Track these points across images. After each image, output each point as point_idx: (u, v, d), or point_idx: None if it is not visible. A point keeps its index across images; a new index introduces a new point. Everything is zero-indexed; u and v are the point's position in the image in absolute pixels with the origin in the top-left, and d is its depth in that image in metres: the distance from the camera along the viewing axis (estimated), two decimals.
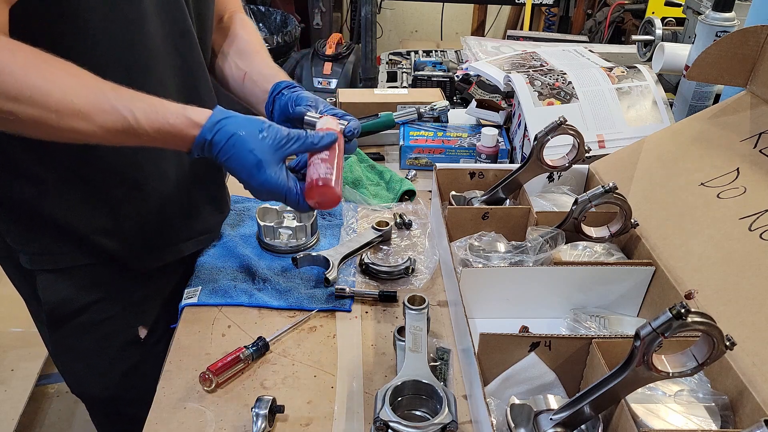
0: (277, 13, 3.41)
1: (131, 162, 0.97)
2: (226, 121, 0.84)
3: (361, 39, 2.74)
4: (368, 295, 1.05)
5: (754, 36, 1.01)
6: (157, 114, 0.80)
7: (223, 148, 0.83)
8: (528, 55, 1.54)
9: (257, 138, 0.84)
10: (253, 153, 0.83)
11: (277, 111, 1.03)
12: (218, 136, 0.83)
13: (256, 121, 0.86)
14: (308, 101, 1.00)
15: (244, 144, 0.83)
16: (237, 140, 0.83)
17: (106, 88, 0.79)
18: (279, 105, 1.02)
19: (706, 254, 0.88)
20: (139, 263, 1.06)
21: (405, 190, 1.32)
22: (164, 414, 0.85)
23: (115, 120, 0.78)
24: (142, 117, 0.79)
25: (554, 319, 0.98)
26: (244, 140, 0.84)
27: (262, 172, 0.84)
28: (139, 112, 0.79)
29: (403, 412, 0.80)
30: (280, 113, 1.02)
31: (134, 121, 0.79)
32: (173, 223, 1.07)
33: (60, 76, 0.76)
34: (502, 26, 3.93)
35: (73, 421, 2.06)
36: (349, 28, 4.07)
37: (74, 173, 0.94)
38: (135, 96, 0.80)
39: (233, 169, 0.85)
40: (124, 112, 0.78)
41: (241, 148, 0.83)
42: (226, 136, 0.83)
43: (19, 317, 2.13)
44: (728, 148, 1.00)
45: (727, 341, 0.62)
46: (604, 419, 0.73)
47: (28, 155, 0.91)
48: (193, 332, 0.98)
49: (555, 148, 1.09)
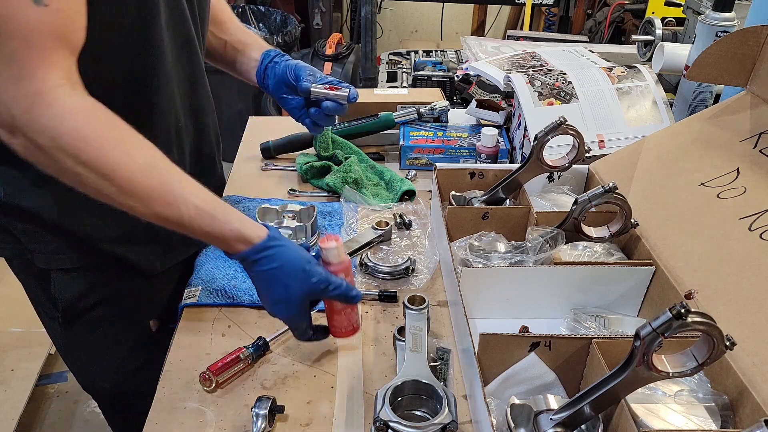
0: (277, 13, 3.41)
1: None
2: (275, 250, 0.83)
3: (361, 39, 2.74)
4: (368, 295, 1.05)
5: (754, 36, 1.01)
6: (213, 222, 0.80)
7: (261, 273, 0.83)
8: (528, 55, 1.54)
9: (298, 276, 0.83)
10: (287, 290, 0.83)
11: (272, 79, 1.10)
12: (261, 264, 0.83)
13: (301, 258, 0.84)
14: (307, 72, 1.07)
15: (280, 278, 0.83)
16: (277, 273, 0.83)
17: (174, 178, 0.79)
18: (275, 74, 1.10)
19: (706, 254, 0.88)
20: (148, 266, 1.07)
21: (405, 190, 1.32)
22: (164, 414, 0.85)
23: (171, 213, 0.78)
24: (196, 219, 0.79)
25: (554, 319, 0.98)
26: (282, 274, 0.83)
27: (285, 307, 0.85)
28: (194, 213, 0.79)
29: (403, 412, 0.80)
30: (276, 82, 1.09)
31: (188, 220, 0.79)
32: None
33: (133, 155, 0.76)
34: (502, 26, 3.93)
35: (73, 421, 2.06)
36: (349, 28, 4.07)
37: None
38: (198, 192, 0.80)
39: (259, 289, 0.86)
40: (182, 209, 0.78)
41: (275, 282, 0.83)
42: (269, 265, 0.83)
43: (19, 317, 2.14)
44: (728, 148, 1.00)
45: (727, 341, 0.62)
46: (604, 419, 0.73)
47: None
48: (193, 332, 0.98)
49: (555, 148, 1.09)
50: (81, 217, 0.96)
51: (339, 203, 1.30)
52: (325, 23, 3.58)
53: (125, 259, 1.03)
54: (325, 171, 1.37)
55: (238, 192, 1.35)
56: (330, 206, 1.30)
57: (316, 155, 1.43)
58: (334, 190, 1.33)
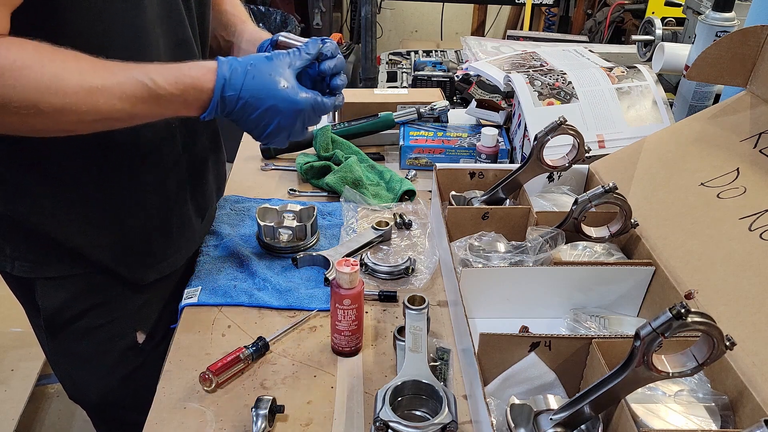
0: (277, 13, 3.41)
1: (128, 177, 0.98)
2: (234, 60, 0.86)
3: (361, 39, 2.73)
4: (368, 295, 1.05)
5: (754, 36, 1.01)
6: (170, 70, 0.82)
7: (245, 82, 0.84)
8: (528, 55, 1.54)
9: (269, 63, 0.86)
10: (273, 76, 0.85)
11: None
12: (236, 74, 0.84)
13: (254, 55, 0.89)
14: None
15: (262, 70, 0.85)
16: (254, 69, 0.85)
17: (118, 65, 0.79)
18: None
19: (706, 254, 0.88)
20: (137, 277, 1.06)
21: (405, 190, 1.32)
22: (164, 414, 0.85)
23: (134, 87, 0.78)
24: (159, 78, 0.80)
25: (554, 319, 0.98)
26: (259, 68, 0.85)
27: (291, 88, 0.86)
28: (155, 74, 0.80)
29: (403, 412, 0.80)
30: None
31: (153, 83, 0.79)
32: (169, 238, 1.07)
33: (72, 62, 0.76)
34: (502, 26, 3.93)
35: (73, 421, 2.06)
36: (349, 28, 4.07)
37: (72, 192, 0.94)
38: (145, 65, 0.81)
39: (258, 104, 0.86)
40: (141, 78, 0.79)
41: (261, 77, 0.85)
42: (243, 69, 0.85)
43: (19, 317, 2.10)
44: (728, 148, 1.00)
45: (727, 341, 0.62)
46: (604, 419, 0.73)
47: (28, 174, 0.91)
48: (193, 332, 0.98)
49: (555, 148, 1.09)
50: (68, 225, 0.95)
51: (339, 203, 1.30)
52: (325, 23, 3.58)
53: (113, 270, 1.02)
54: (325, 171, 1.37)
55: (238, 192, 1.35)
56: (330, 206, 1.30)
57: (316, 155, 1.43)
58: (334, 190, 1.33)
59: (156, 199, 1.02)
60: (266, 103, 0.86)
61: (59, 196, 0.93)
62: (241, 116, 0.87)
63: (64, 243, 0.96)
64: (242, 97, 0.85)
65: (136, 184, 0.98)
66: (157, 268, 1.07)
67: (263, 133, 0.90)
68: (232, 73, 0.85)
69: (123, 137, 0.91)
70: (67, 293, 1.01)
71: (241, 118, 0.88)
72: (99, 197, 0.96)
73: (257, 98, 0.86)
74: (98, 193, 0.96)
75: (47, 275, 0.99)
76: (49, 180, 0.92)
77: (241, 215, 1.27)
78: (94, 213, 0.96)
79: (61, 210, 0.94)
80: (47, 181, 0.92)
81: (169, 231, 1.06)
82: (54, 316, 1.03)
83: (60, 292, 1.01)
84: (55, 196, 0.93)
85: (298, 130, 0.92)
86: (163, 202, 1.04)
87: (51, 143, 0.86)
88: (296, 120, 0.89)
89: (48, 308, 1.02)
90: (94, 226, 0.97)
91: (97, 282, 1.03)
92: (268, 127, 0.89)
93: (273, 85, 0.86)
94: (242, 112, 0.87)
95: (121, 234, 1.00)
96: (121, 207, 0.99)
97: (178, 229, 1.08)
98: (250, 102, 0.86)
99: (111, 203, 0.97)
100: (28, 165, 0.91)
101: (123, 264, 1.02)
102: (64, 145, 0.87)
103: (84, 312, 1.04)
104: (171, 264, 1.10)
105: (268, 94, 0.86)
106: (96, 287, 1.03)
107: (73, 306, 1.03)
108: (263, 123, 0.88)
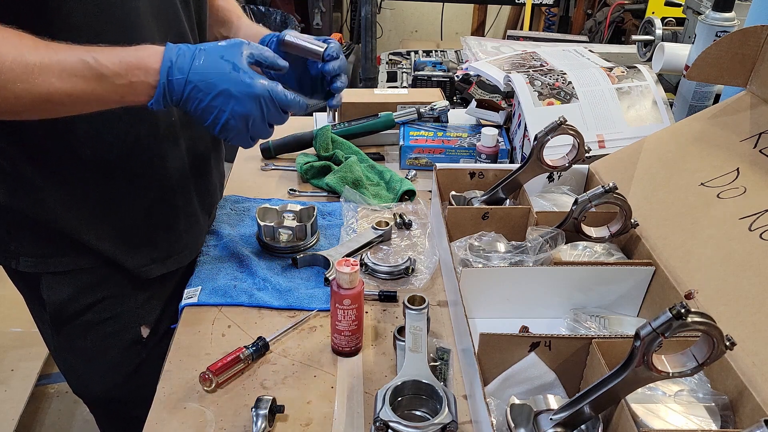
0: (277, 13, 3.41)
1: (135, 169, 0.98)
2: (184, 45, 0.82)
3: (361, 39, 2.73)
4: (368, 295, 1.05)
5: (754, 36, 1.00)
6: (116, 51, 0.78)
7: (194, 65, 0.80)
8: (528, 55, 1.54)
9: (220, 47, 0.82)
10: (224, 59, 0.81)
11: None
12: (183, 57, 0.80)
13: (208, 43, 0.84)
14: None
15: (212, 53, 0.81)
16: (203, 53, 0.81)
17: (63, 45, 0.76)
18: None
19: (706, 254, 0.88)
20: (143, 271, 1.06)
21: (405, 190, 1.32)
22: (164, 414, 0.85)
23: (74, 65, 0.75)
24: (102, 57, 0.77)
25: (554, 319, 0.98)
26: (209, 52, 0.81)
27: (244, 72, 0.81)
28: (99, 54, 0.77)
29: (403, 412, 0.80)
30: None
31: (95, 61, 0.76)
32: (176, 233, 1.08)
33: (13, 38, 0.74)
34: (502, 26, 3.93)
35: (73, 421, 2.06)
36: (349, 28, 4.07)
37: (72, 184, 0.94)
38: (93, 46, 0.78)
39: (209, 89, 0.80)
40: (83, 57, 0.76)
41: (210, 59, 0.80)
42: (192, 53, 0.80)
43: (19, 317, 2.14)
44: (728, 148, 1.00)
45: (727, 341, 0.62)
46: (604, 419, 0.73)
47: (28, 166, 0.92)
48: (193, 332, 0.98)
49: (555, 148, 1.09)
50: (70, 217, 0.96)
51: (339, 203, 1.30)
52: (325, 23, 3.58)
53: (118, 263, 1.02)
54: (325, 171, 1.37)
55: (238, 192, 1.35)
56: (330, 206, 1.30)
57: (316, 155, 1.43)
58: (334, 190, 1.33)
59: (157, 194, 1.02)
60: (217, 87, 0.80)
61: (60, 188, 0.94)
62: (192, 104, 0.82)
63: (67, 235, 0.96)
64: (191, 81, 0.80)
65: (135, 177, 0.99)
66: (165, 264, 1.08)
67: (218, 123, 0.84)
68: (180, 56, 0.80)
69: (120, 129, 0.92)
70: (73, 287, 1.02)
71: (192, 107, 0.82)
72: (99, 189, 0.96)
73: (207, 82, 0.80)
74: (98, 185, 0.96)
75: (52, 270, 1.00)
76: (48, 172, 0.92)
77: (241, 215, 1.27)
78: (95, 205, 0.97)
79: (62, 202, 0.94)
80: (47, 174, 0.92)
81: (176, 227, 1.07)
82: (59, 311, 1.03)
83: (65, 286, 1.02)
84: (56, 188, 0.93)
85: (258, 123, 0.85)
86: (165, 197, 1.04)
87: (50, 135, 0.86)
88: (252, 107, 0.83)
89: (53, 302, 1.02)
90: (97, 218, 0.97)
91: (103, 276, 1.03)
92: (222, 115, 0.82)
93: (224, 69, 0.81)
94: (192, 100, 0.81)
95: (124, 227, 1.00)
96: (122, 200, 0.99)
97: (184, 226, 1.09)
98: (199, 87, 0.80)
99: (111, 196, 0.98)
100: (27, 157, 0.91)
101: (128, 258, 1.03)
102: (62, 136, 0.88)
103: (89, 306, 1.04)
104: (178, 260, 1.10)
105: (219, 78, 0.80)
106: (101, 281, 1.04)
107: (78, 300, 1.03)
108: (216, 110, 0.82)
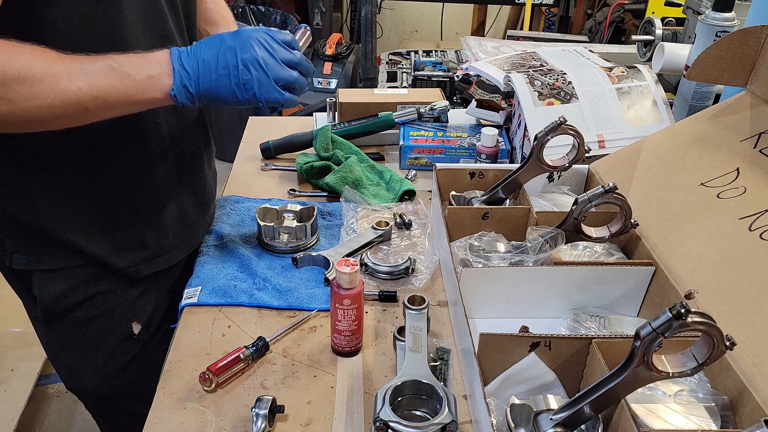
0: (277, 13, 3.41)
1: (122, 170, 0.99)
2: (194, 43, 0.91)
3: (361, 39, 2.74)
4: (368, 295, 1.05)
5: (754, 36, 1.01)
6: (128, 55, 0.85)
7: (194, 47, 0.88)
8: (528, 55, 1.54)
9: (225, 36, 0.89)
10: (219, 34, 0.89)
11: None
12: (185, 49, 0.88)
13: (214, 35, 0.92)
14: None
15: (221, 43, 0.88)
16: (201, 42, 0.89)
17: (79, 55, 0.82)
18: None
19: (706, 254, 0.88)
20: (131, 270, 1.06)
21: (405, 190, 1.32)
22: (164, 414, 0.85)
23: (96, 66, 0.81)
24: (122, 59, 0.83)
25: (554, 319, 0.98)
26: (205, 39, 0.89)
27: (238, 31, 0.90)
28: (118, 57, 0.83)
29: (403, 412, 0.80)
30: None
31: (116, 63, 0.83)
32: (163, 233, 1.08)
33: (39, 54, 0.78)
34: (502, 26, 3.93)
35: (73, 421, 2.06)
36: (349, 28, 4.07)
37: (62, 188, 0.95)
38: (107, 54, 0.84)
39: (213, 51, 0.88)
40: (105, 61, 0.82)
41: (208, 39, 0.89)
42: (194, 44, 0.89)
43: (19, 317, 2.13)
44: (728, 148, 1.00)
45: (727, 341, 0.62)
46: (604, 419, 0.73)
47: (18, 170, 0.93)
48: (193, 332, 0.98)
49: (555, 148, 1.09)
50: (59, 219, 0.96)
51: (339, 203, 1.30)
52: (325, 23, 3.58)
53: (107, 262, 1.03)
54: (325, 171, 1.37)
55: (238, 192, 1.35)
56: (330, 206, 1.30)
57: (316, 155, 1.43)
58: (334, 190, 1.33)
59: (145, 195, 1.03)
60: (219, 46, 0.88)
61: (49, 193, 0.95)
62: (210, 78, 0.88)
63: (58, 236, 0.98)
64: (198, 56, 0.88)
65: (123, 179, 1.00)
66: (153, 263, 1.08)
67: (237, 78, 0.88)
68: (181, 51, 0.88)
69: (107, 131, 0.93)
70: (63, 284, 1.03)
71: (212, 81, 0.88)
72: (87, 193, 0.97)
73: (210, 46, 0.88)
74: (87, 189, 0.97)
75: (44, 267, 1.01)
76: (38, 176, 0.94)
77: (241, 215, 1.27)
78: (83, 208, 0.98)
79: (51, 205, 0.96)
80: (36, 177, 0.94)
81: (163, 226, 1.07)
82: (50, 307, 1.04)
83: (56, 283, 1.02)
84: (45, 192, 0.95)
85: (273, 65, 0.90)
86: (152, 197, 1.05)
87: (39, 140, 0.87)
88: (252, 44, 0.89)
89: (45, 299, 1.03)
90: (85, 221, 0.99)
91: (93, 274, 1.04)
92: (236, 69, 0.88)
93: (219, 36, 0.90)
94: (207, 72, 0.88)
95: (112, 228, 1.01)
96: (110, 203, 1.00)
97: (174, 226, 1.09)
98: (206, 59, 0.87)
99: (99, 199, 0.99)
100: (16, 161, 0.92)
101: (116, 257, 1.03)
102: (51, 141, 0.89)
103: (80, 303, 1.05)
104: (167, 259, 1.10)
105: (217, 39, 0.89)
106: (91, 279, 1.04)
107: (69, 297, 1.04)
108: (230, 67, 0.88)
